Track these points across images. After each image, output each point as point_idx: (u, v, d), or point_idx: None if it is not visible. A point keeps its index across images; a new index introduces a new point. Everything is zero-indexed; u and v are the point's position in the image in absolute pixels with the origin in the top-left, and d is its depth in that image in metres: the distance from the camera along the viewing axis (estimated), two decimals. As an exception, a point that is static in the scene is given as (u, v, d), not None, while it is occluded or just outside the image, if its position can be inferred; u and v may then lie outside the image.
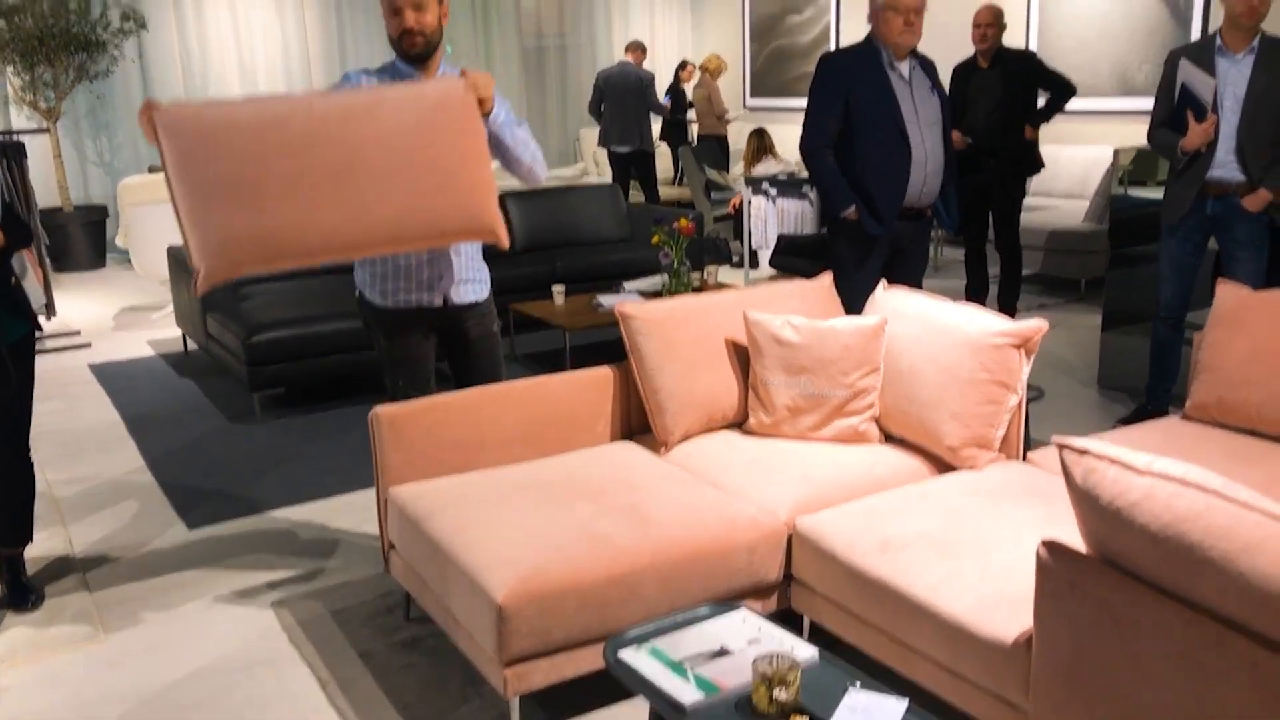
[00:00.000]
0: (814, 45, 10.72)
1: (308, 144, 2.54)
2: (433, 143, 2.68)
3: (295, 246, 2.56)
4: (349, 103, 2.62)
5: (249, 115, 2.53)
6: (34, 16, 8.42)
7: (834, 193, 4.14)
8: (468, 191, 2.73)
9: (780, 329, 3.10)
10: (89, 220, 8.99)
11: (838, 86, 4.09)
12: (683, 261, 5.60)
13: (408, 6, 2.88)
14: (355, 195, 2.59)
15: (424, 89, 2.73)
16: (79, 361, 6.14)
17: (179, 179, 2.48)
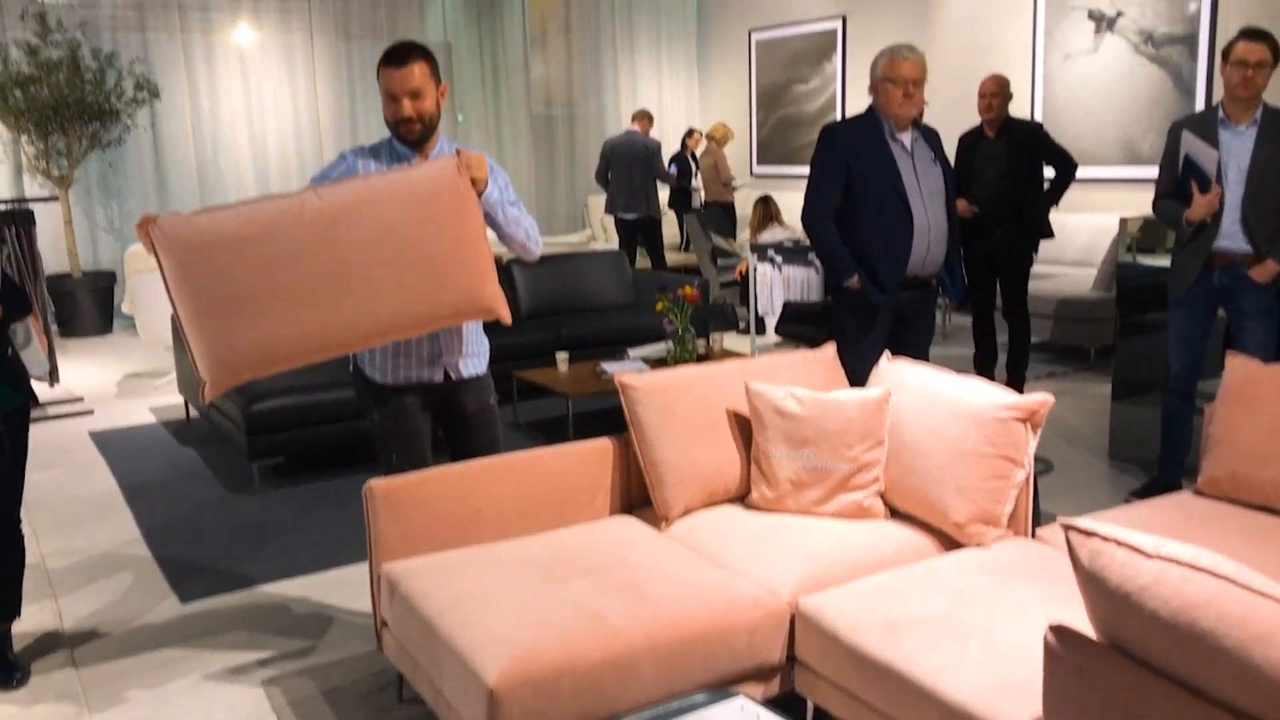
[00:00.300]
0: (820, 114, 10.82)
1: (299, 252, 2.58)
2: (427, 231, 2.69)
3: (295, 350, 2.62)
4: (339, 202, 2.63)
5: (241, 227, 2.56)
6: (50, 87, 8.55)
7: (836, 262, 4.12)
8: (465, 274, 2.75)
9: (782, 400, 3.06)
10: (96, 286, 9.04)
11: (839, 157, 4.10)
12: (687, 328, 5.58)
13: (405, 95, 2.87)
14: (351, 296, 2.62)
15: (414, 178, 2.73)
16: (80, 429, 6.11)
17: (178, 294, 2.55)
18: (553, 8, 11.89)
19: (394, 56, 2.88)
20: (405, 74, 2.85)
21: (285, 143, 10.42)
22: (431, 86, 2.91)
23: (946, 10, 9.36)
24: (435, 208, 2.72)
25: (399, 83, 2.86)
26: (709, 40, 12.40)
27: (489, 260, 2.83)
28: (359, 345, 2.73)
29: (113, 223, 9.73)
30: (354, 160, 2.96)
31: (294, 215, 2.60)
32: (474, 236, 2.78)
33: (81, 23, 9.08)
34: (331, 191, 2.67)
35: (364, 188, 2.68)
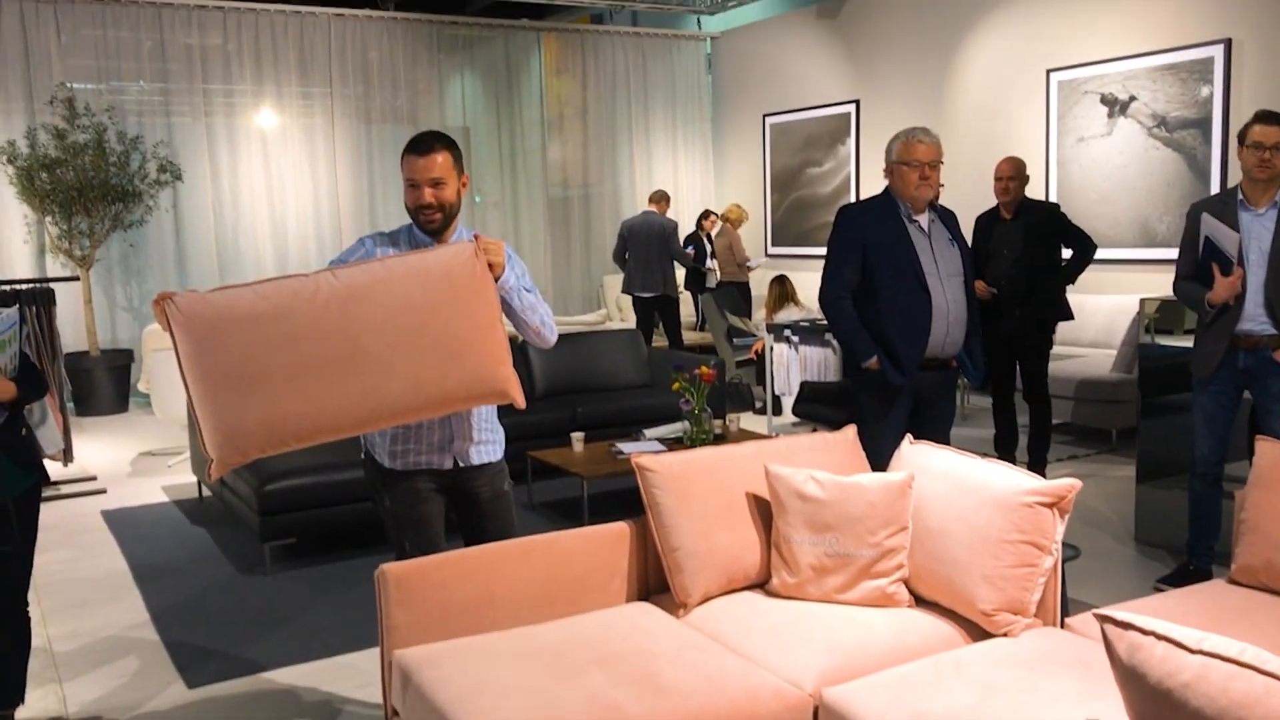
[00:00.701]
0: (834, 196, 10.90)
1: (313, 331, 2.58)
2: (441, 312, 2.70)
3: (305, 430, 2.61)
4: (354, 283, 2.65)
5: (255, 305, 2.57)
6: (76, 169, 8.70)
7: (855, 343, 4.10)
8: (479, 358, 2.74)
9: (803, 484, 3.00)
10: (114, 365, 9.08)
11: (856, 238, 4.10)
12: (704, 409, 5.54)
13: (426, 184, 2.88)
14: (363, 377, 2.62)
15: (430, 261, 2.74)
16: (92, 508, 6.07)
17: (190, 369, 2.55)
18: (570, 92, 12.10)
19: (418, 145, 2.91)
20: (428, 163, 2.88)
21: (305, 225, 10.54)
22: (453, 176, 2.93)
23: (959, 93, 9.47)
24: (451, 290, 2.72)
25: (421, 171, 2.88)
26: (723, 123, 12.58)
27: (504, 343, 2.82)
28: (370, 426, 2.70)
29: (132, 302, 9.82)
30: (372, 246, 2.96)
31: (309, 295, 2.60)
32: (489, 319, 2.77)
33: (109, 107, 9.27)
34: (348, 273, 2.67)
35: (380, 269, 2.69)
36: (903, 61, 10.03)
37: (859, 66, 10.54)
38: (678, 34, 12.56)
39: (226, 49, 10.12)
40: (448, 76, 11.48)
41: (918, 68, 9.88)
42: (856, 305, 4.11)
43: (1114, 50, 8.20)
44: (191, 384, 2.56)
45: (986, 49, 9.22)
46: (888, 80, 10.21)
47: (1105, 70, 8.25)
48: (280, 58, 10.37)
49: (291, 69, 10.43)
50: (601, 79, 12.13)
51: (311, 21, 10.49)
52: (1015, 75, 8.97)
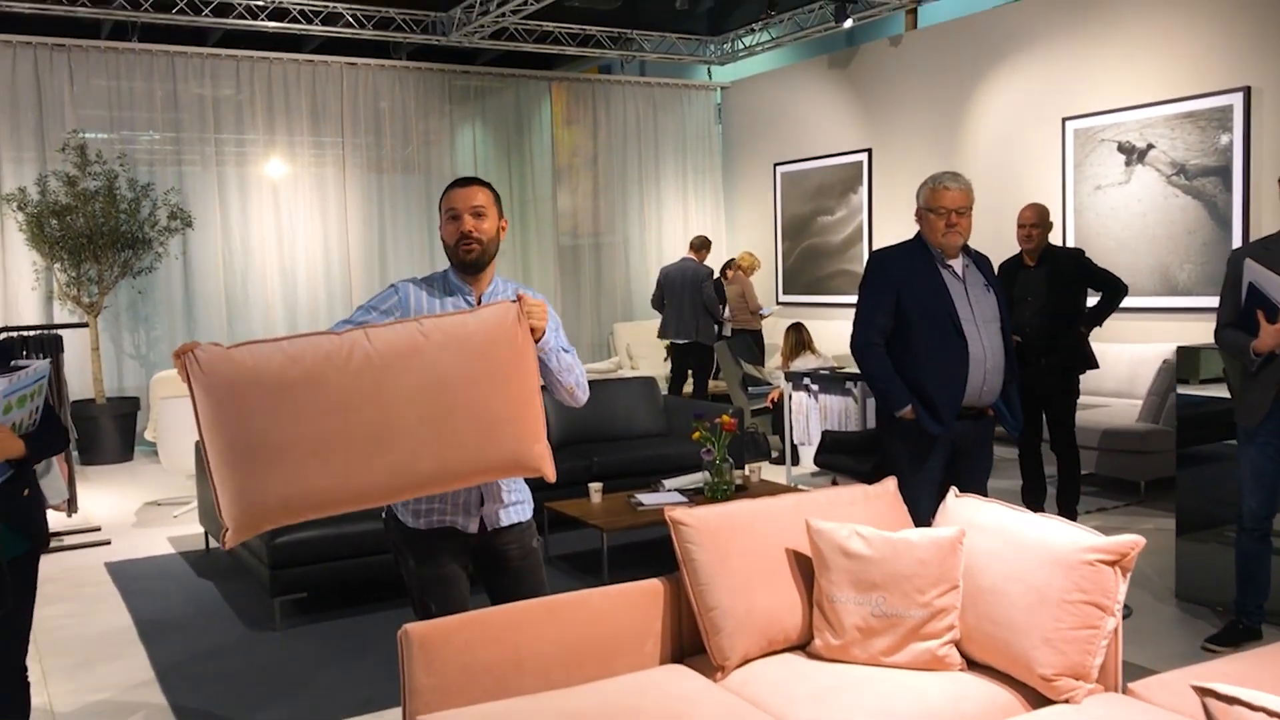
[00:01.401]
0: (847, 244, 10.83)
1: (343, 402, 2.47)
2: (481, 387, 2.59)
3: (326, 502, 2.49)
4: (390, 349, 2.53)
5: (283, 369, 2.44)
6: (86, 216, 8.64)
7: (889, 391, 3.97)
8: (516, 434, 2.65)
9: (847, 540, 2.85)
10: (120, 413, 8.95)
11: (888, 282, 3.98)
12: (725, 458, 5.40)
13: (467, 212, 2.81)
14: (391, 454, 2.51)
15: (472, 327, 2.62)
16: (97, 560, 5.91)
17: (210, 433, 2.41)
18: (580, 141, 12.10)
19: (460, 180, 2.91)
20: (470, 192, 2.84)
21: (315, 273, 10.47)
22: (494, 213, 2.87)
23: (973, 142, 9.43)
24: (492, 361, 2.61)
25: (463, 199, 2.82)
26: (734, 172, 12.56)
27: (540, 419, 2.73)
28: (394, 498, 2.60)
29: (139, 349, 9.72)
30: (406, 292, 2.86)
31: (341, 361, 2.48)
32: (528, 392, 2.68)
33: (120, 154, 9.24)
34: (382, 335, 2.54)
35: (418, 335, 2.56)
36: (915, 110, 10.01)
37: (871, 115, 10.52)
38: (688, 84, 12.58)
39: (239, 99, 10.12)
40: (458, 126, 11.47)
41: (931, 117, 9.85)
42: (890, 352, 3.99)
43: (1131, 98, 8.16)
44: (210, 447, 2.42)
45: (1001, 97, 9.19)
46: (900, 129, 10.18)
47: (1122, 118, 8.21)
48: (292, 106, 10.36)
49: (303, 118, 10.42)
50: (612, 128, 12.13)
51: (324, 71, 10.50)
52: (1030, 123, 8.93)
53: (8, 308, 9.10)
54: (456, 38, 10.54)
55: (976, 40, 9.40)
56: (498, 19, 10.02)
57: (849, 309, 10.88)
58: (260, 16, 9.81)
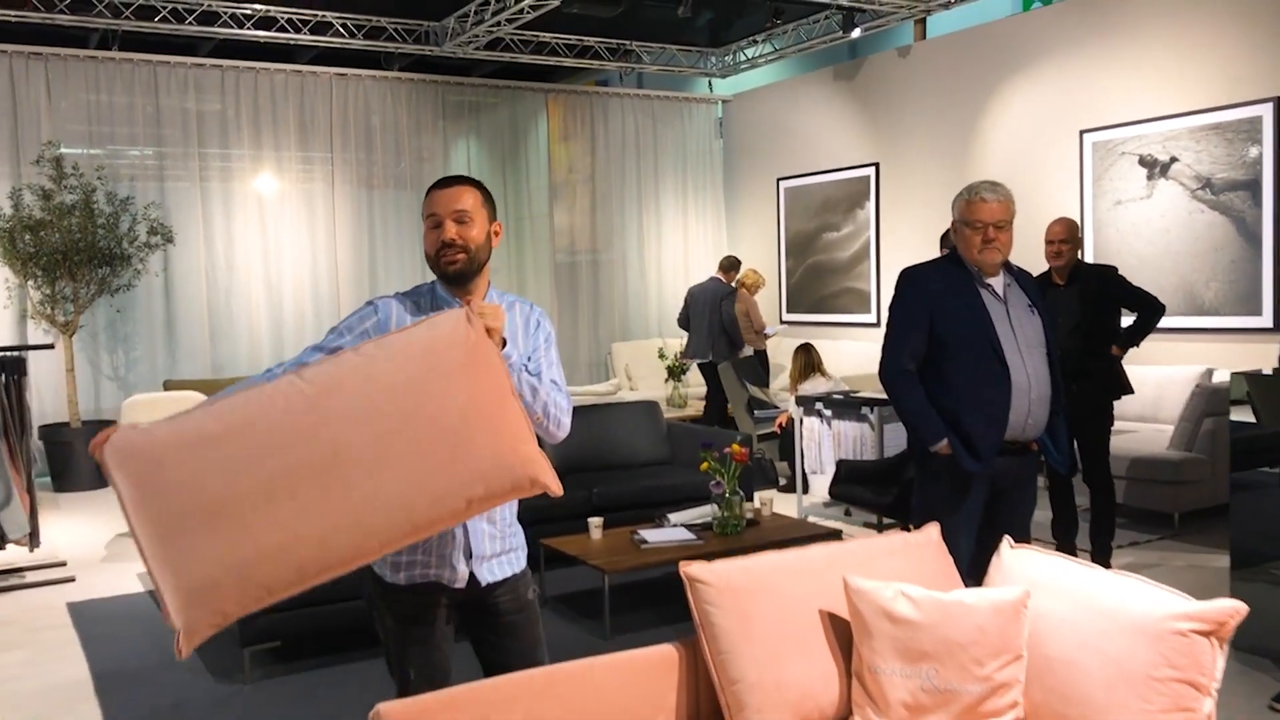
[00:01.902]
0: (853, 262, 10.48)
1: (277, 444, 2.08)
2: (431, 389, 2.17)
3: (287, 575, 2.06)
4: (326, 381, 2.15)
5: (203, 427, 2.08)
6: (61, 231, 8.26)
7: (922, 423, 3.59)
8: (492, 444, 2.19)
9: (892, 602, 2.47)
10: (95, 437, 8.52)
11: (921, 303, 3.61)
12: (735, 491, 5.02)
13: (448, 217, 2.44)
14: (350, 489, 2.08)
15: (413, 335, 2.23)
16: (59, 600, 5.50)
17: (137, 520, 2.04)
18: (577, 156, 11.75)
19: (442, 181, 2.53)
20: (453, 194, 2.47)
21: (301, 290, 10.09)
22: (483, 216, 2.49)
23: (986, 155, 9.09)
24: (446, 361, 2.20)
25: (444, 202, 2.45)
26: (736, 187, 12.22)
27: (521, 419, 2.28)
28: (371, 553, 2.15)
29: (117, 370, 9.32)
30: (387, 310, 2.48)
31: (268, 402, 2.11)
32: (497, 394, 2.23)
33: (98, 167, 8.86)
34: (317, 372, 2.17)
35: (352, 356, 2.19)
36: (925, 123, 9.67)
37: (879, 128, 10.18)
38: (689, 97, 12.25)
39: (224, 113, 9.75)
40: (452, 141, 11.12)
41: (941, 129, 9.51)
42: (923, 380, 3.61)
43: (1152, 110, 7.82)
44: (141, 538, 2.04)
45: (1014, 109, 8.85)
46: (909, 142, 9.84)
47: (1144, 130, 7.87)
48: (280, 119, 10.00)
49: (291, 131, 10.06)
50: (610, 143, 11.79)
51: (313, 82, 10.15)
52: (1046, 136, 8.59)
53: (-21, 327, 8.71)
54: (450, 48, 10.20)
55: (988, 51, 9.08)
56: (492, 29, 9.68)
57: (856, 329, 10.64)
58: (246, 25, 9.46)
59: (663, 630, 4.70)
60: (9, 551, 5.86)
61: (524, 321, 2.59)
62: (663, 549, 4.78)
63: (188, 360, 9.54)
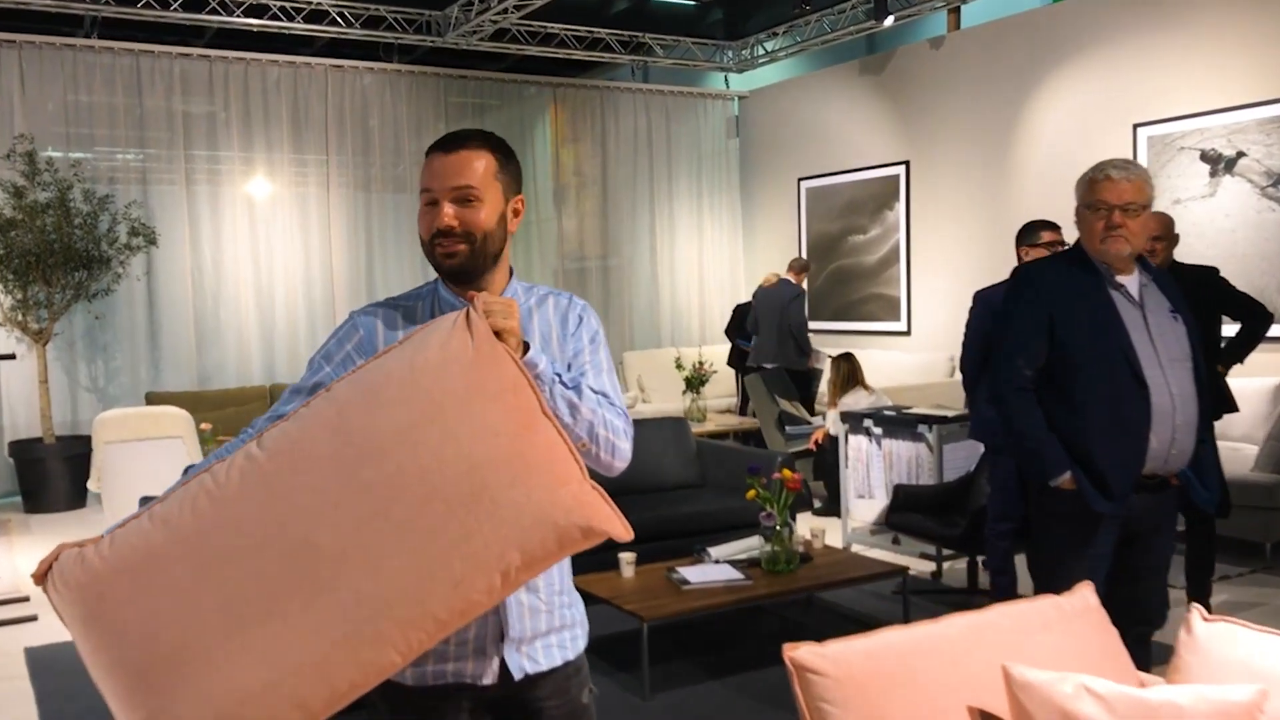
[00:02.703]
0: (882, 265, 9.87)
1: (236, 551, 1.54)
2: (431, 446, 1.57)
3: (283, 708, 1.50)
4: (281, 451, 1.60)
5: (148, 542, 1.57)
6: (34, 231, 7.63)
7: (1041, 452, 2.98)
8: (521, 492, 1.57)
9: (1074, 700, 1.85)
10: (71, 453, 7.88)
11: (1040, 305, 3.00)
12: (786, 523, 4.41)
13: (446, 195, 1.82)
14: (338, 600, 1.52)
15: (390, 364, 1.63)
16: (16, 643, 4.86)
17: (95, 670, 1.60)
18: (586, 156, 11.14)
19: (444, 141, 1.86)
20: (454, 163, 1.83)
21: (295, 298, 9.45)
22: (495, 191, 1.85)
23: (1028, 152, 8.49)
24: (436, 391, 1.59)
25: (442, 174, 1.82)
26: (753, 188, 11.62)
27: (557, 449, 1.64)
28: (392, 666, 1.53)
29: (96, 381, 8.68)
30: (369, 325, 1.88)
31: (218, 492, 1.58)
32: (518, 416, 1.61)
33: (75, 163, 8.24)
34: (277, 437, 1.61)
35: (322, 408, 1.61)
36: (961, 118, 9.07)
37: (909, 125, 9.58)
38: (703, 92, 11.66)
39: (212, 105, 9.13)
40: (454, 141, 10.49)
41: (977, 125, 8.92)
42: (1043, 401, 3.00)
43: (1215, 101, 7.23)
44: (103, 688, 1.58)
45: (1059, 102, 8.26)
46: (943, 139, 9.24)
47: (1205, 124, 7.28)
48: (271, 114, 9.38)
49: (283, 124, 9.43)
50: (621, 140, 11.18)
51: (306, 74, 9.52)
52: (1095, 130, 7.99)
53: (-54, 335, 8.06)
54: (453, 39, 9.59)
55: (1029, 40, 8.49)
56: (497, 18, 9.07)
57: (885, 337, 10.02)
58: (236, 12, 8.84)
59: (710, 686, 4.08)
60: (-36, 587, 5.23)
61: (560, 319, 1.97)
62: (707, 590, 4.16)
63: (172, 371, 8.90)
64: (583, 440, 1.83)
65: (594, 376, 1.94)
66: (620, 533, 1.66)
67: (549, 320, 1.98)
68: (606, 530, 1.63)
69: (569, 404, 1.79)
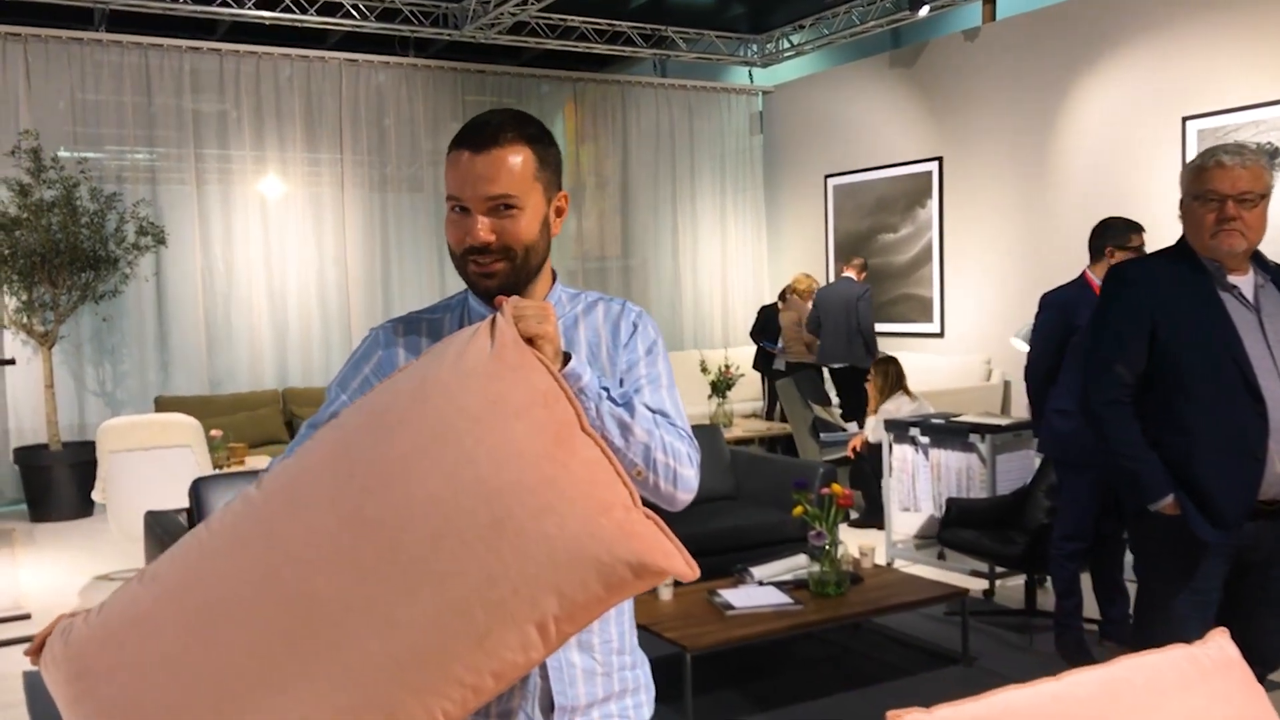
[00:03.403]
0: (914, 264, 9.54)
1: (228, 610, 1.28)
2: (448, 476, 1.28)
3: None
4: (279, 491, 1.36)
5: (134, 605, 1.34)
6: (39, 230, 7.37)
7: (1142, 473, 2.67)
8: (555, 525, 1.27)
9: (1245, 788, 1.54)
10: (78, 460, 7.62)
11: (1140, 310, 2.69)
12: (835, 541, 4.10)
13: (479, 207, 1.53)
14: (345, 661, 1.25)
15: (402, 382, 1.37)
16: (15, 665, 4.59)
17: None
18: (605, 151, 10.84)
19: (472, 135, 1.55)
20: (487, 165, 1.53)
21: (308, 299, 9.18)
22: (536, 193, 1.57)
23: (1069, 147, 8.15)
24: (451, 408, 1.32)
25: (470, 181, 1.53)
26: (778, 186, 11.30)
27: (601, 471, 1.33)
28: None
29: (104, 385, 8.42)
30: (391, 344, 1.63)
31: (211, 543, 1.34)
32: (551, 435, 1.32)
33: (82, 161, 7.98)
34: (276, 475, 1.37)
35: (329, 438, 1.36)
36: (995, 112, 8.75)
37: (941, 119, 9.25)
38: (726, 87, 11.35)
39: (222, 102, 8.86)
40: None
41: (1014, 119, 8.58)
42: (1141, 415, 2.69)
43: (1272, 91, 6.89)
44: None
45: (1103, 95, 7.92)
46: (977, 134, 8.91)
47: (1261, 116, 6.94)
48: (284, 110, 9.10)
49: (296, 121, 9.16)
50: (642, 137, 10.88)
51: (319, 69, 9.24)
52: (1140, 124, 7.66)
53: (-50, 338, 7.82)
54: (470, 31, 9.30)
55: (1069, 30, 8.15)
56: (515, 10, 8.78)
57: (916, 339, 9.69)
58: (248, 4, 8.57)
59: (757, 718, 3.78)
60: (-39, 605, 4.96)
61: (611, 327, 1.69)
62: (754, 617, 3.85)
63: (183, 374, 8.63)
64: (637, 466, 1.52)
65: (651, 392, 1.65)
66: (683, 571, 1.35)
67: (597, 329, 1.69)
68: (664, 567, 1.32)
69: (619, 424, 1.48)
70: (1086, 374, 2.78)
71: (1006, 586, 5.16)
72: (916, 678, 4.12)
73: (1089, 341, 2.82)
